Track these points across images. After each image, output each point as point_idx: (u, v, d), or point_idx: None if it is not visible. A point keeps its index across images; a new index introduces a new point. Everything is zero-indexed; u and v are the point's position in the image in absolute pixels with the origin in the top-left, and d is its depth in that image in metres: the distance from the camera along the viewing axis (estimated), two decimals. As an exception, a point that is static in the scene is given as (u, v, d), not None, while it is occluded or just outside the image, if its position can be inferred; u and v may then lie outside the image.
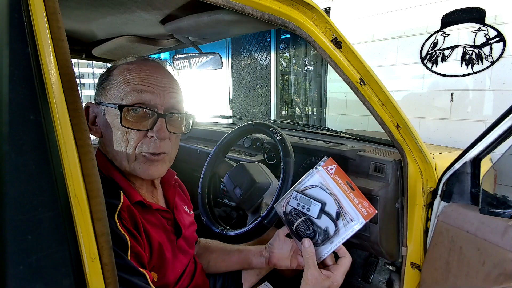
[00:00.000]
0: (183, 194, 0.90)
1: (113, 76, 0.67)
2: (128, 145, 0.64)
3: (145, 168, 0.66)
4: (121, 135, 0.64)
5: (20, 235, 0.34)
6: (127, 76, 0.65)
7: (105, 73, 0.69)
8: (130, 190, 0.66)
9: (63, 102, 0.37)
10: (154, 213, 0.72)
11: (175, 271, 0.74)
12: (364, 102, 0.85)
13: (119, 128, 0.64)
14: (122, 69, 0.66)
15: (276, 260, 0.91)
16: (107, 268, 0.39)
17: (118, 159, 0.66)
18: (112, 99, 0.64)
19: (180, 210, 0.82)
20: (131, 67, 0.66)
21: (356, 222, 0.69)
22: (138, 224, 0.63)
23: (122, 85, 0.64)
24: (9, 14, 0.34)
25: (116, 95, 0.64)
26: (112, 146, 0.65)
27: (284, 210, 0.79)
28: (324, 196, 0.74)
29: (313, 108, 3.90)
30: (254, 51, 4.15)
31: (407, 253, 1.00)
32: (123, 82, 0.65)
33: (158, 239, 0.68)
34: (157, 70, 0.68)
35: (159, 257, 0.68)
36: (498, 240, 0.78)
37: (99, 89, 0.68)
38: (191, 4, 0.72)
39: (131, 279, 0.54)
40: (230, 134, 1.19)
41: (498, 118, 0.80)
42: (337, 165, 0.75)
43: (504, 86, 2.15)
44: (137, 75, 0.65)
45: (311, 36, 0.73)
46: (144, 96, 0.64)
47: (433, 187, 0.98)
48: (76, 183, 0.37)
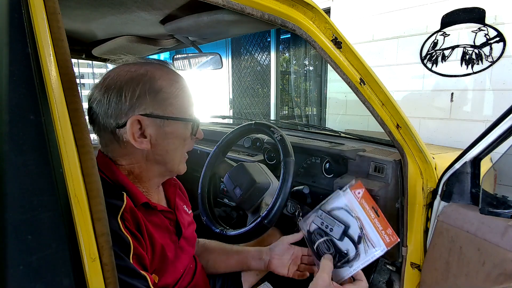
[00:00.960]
0: (182, 193, 0.90)
1: (164, 88, 0.66)
2: (182, 150, 0.73)
3: (185, 166, 0.76)
4: (181, 144, 0.71)
5: (20, 235, 0.34)
6: (182, 89, 0.70)
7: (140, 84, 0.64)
8: (136, 192, 0.66)
9: (63, 102, 0.37)
10: (159, 214, 0.72)
11: (176, 271, 0.74)
12: (364, 102, 0.85)
13: (182, 137, 0.70)
14: (169, 81, 0.68)
15: (274, 267, 0.91)
16: (107, 268, 0.39)
17: (171, 164, 0.72)
18: (178, 113, 0.68)
19: (180, 210, 0.83)
20: (175, 78, 0.70)
21: (378, 249, 0.70)
22: (141, 227, 0.63)
23: (183, 99, 0.69)
24: (9, 14, 0.34)
25: (180, 108, 0.68)
26: (167, 154, 0.70)
27: (308, 229, 0.81)
28: (349, 218, 0.75)
29: (313, 108, 3.90)
30: (254, 51, 4.15)
31: (407, 253, 1.00)
32: (182, 96, 0.69)
33: (161, 241, 0.68)
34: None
35: (161, 259, 0.68)
36: (498, 240, 0.78)
37: (148, 99, 0.64)
38: (191, 4, 0.72)
39: (132, 282, 0.53)
40: (230, 134, 1.19)
41: (498, 118, 0.80)
42: (365, 189, 0.76)
43: (504, 86, 2.15)
44: (188, 89, 0.71)
45: (311, 36, 0.73)
46: (195, 108, 0.73)
47: (433, 187, 0.98)
48: (76, 183, 0.37)
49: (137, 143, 0.64)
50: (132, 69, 0.66)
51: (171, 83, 0.68)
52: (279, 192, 0.91)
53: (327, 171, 1.18)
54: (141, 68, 0.67)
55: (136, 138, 0.64)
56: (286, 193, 0.91)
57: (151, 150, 0.67)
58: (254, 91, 4.24)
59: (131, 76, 0.65)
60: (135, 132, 0.63)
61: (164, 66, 0.71)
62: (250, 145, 1.52)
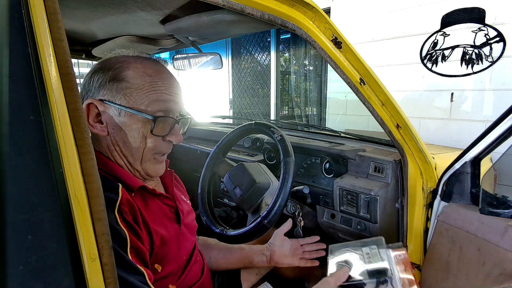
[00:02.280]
0: (178, 183, 0.91)
1: (129, 78, 0.65)
2: (145, 148, 0.67)
3: (155, 168, 0.71)
4: (139, 138, 0.66)
5: (20, 235, 0.34)
6: (151, 83, 0.66)
7: (110, 71, 0.66)
8: (130, 178, 0.67)
9: (63, 102, 0.37)
10: (156, 200, 0.72)
11: (179, 258, 0.75)
12: (364, 102, 0.85)
13: (139, 131, 0.66)
14: (139, 72, 0.66)
15: (278, 258, 0.92)
16: (107, 268, 0.39)
17: (129, 159, 0.68)
18: (136, 105, 0.65)
19: (179, 198, 0.83)
20: (150, 71, 0.67)
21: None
22: (138, 217, 0.63)
23: (148, 92, 0.65)
24: (9, 14, 0.34)
25: (140, 101, 0.65)
26: (125, 147, 0.67)
27: None
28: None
29: (313, 108, 3.90)
30: (254, 51, 4.15)
31: (407, 253, 1.00)
32: (148, 89, 0.65)
33: (160, 228, 0.68)
34: (172, 76, 0.71)
35: (162, 247, 0.68)
36: (498, 240, 0.78)
37: (108, 86, 0.65)
38: (191, 4, 0.72)
39: (128, 278, 0.53)
40: (230, 134, 1.19)
41: (498, 118, 0.80)
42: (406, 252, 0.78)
43: (504, 86, 2.14)
44: (162, 84, 0.67)
45: (311, 36, 0.73)
46: (169, 106, 0.68)
47: (433, 187, 0.98)
48: (76, 183, 0.37)
49: (91, 127, 0.65)
50: (116, 57, 0.68)
51: (141, 76, 0.66)
52: (279, 192, 0.91)
53: (327, 171, 1.18)
54: (123, 57, 0.68)
55: (92, 122, 0.65)
56: (286, 193, 0.91)
57: (110, 139, 0.67)
58: (254, 91, 4.24)
59: (107, 63, 0.67)
60: (90, 116, 0.65)
61: (147, 59, 0.70)
62: (250, 145, 1.52)
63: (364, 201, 1.01)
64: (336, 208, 1.10)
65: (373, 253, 0.79)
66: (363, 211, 1.02)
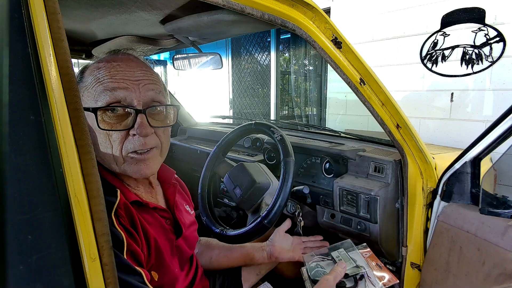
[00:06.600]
0: (184, 193, 0.90)
1: (84, 77, 0.63)
2: (113, 148, 0.62)
3: (136, 168, 0.64)
4: (103, 138, 0.61)
5: (20, 235, 0.34)
6: (97, 75, 0.61)
7: (78, 75, 0.65)
8: (124, 190, 0.64)
9: (63, 102, 0.37)
10: (151, 212, 0.71)
11: (170, 272, 0.72)
12: (364, 102, 0.85)
13: (99, 131, 0.60)
14: (92, 69, 0.63)
15: (278, 253, 0.93)
16: (107, 268, 0.39)
17: (106, 162, 0.64)
18: (87, 103, 0.61)
19: (181, 209, 0.82)
20: (101, 65, 0.62)
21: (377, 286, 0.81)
22: (136, 222, 0.62)
23: (94, 86, 0.61)
24: (9, 14, 0.34)
25: (90, 97, 0.61)
26: (99, 150, 0.62)
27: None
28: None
29: (313, 108, 3.90)
30: (254, 51, 4.15)
31: (407, 253, 1.00)
32: (94, 83, 0.61)
33: (156, 237, 0.67)
34: (128, 62, 0.64)
35: (157, 256, 0.67)
36: (498, 240, 0.78)
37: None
38: (191, 4, 0.72)
39: (127, 278, 0.53)
40: (230, 134, 1.19)
41: (498, 118, 0.80)
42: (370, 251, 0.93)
43: (504, 86, 2.14)
44: (107, 73, 0.61)
45: (311, 36, 0.73)
46: (118, 94, 0.60)
47: (433, 187, 0.98)
48: (76, 183, 0.37)
49: None
50: None
51: (92, 71, 0.63)
52: (279, 192, 0.91)
53: (327, 171, 1.18)
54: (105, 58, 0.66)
55: None
56: (286, 193, 0.91)
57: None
58: (254, 91, 4.24)
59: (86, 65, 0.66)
60: None
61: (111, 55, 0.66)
62: (250, 145, 1.52)
63: (364, 201, 1.01)
64: (336, 208, 1.10)
65: (343, 255, 0.89)
66: (363, 211, 1.02)
